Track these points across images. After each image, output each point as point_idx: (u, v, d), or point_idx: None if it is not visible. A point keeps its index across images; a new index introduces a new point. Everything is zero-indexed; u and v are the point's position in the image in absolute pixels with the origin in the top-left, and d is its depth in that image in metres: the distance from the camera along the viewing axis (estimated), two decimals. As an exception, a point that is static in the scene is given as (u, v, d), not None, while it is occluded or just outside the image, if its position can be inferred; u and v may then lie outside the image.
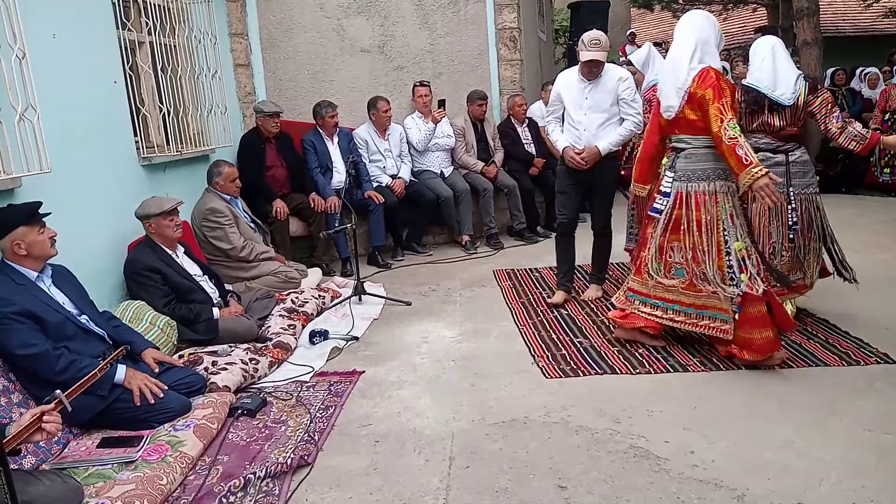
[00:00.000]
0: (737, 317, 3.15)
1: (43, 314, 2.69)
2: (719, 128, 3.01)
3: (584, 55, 3.91)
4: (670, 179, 3.28)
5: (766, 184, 2.91)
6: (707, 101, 3.06)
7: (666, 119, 3.31)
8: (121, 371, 2.80)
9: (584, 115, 4.05)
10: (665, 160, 3.39)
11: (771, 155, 3.58)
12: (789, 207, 3.53)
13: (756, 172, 2.92)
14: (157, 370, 2.99)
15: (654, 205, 3.34)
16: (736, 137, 2.98)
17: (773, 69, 3.54)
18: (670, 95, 3.21)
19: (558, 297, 4.32)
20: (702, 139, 3.20)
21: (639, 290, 3.45)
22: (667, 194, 3.28)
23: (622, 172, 4.58)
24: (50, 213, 2.85)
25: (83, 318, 2.88)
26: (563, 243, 4.35)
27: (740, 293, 3.11)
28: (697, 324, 3.28)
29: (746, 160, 2.95)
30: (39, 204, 2.82)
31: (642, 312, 3.42)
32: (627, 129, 4.08)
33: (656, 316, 3.38)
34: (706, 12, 3.38)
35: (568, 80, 4.13)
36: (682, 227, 3.24)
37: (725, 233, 3.16)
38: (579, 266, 4.65)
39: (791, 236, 3.56)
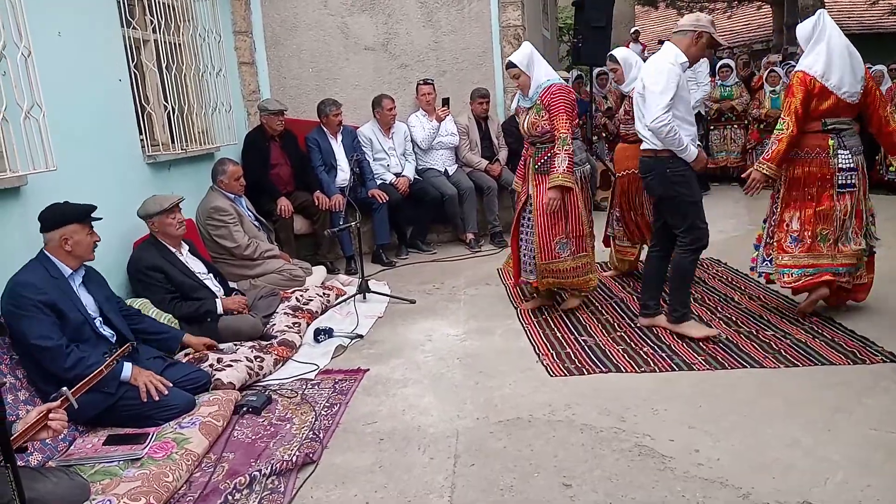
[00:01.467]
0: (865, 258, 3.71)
1: (67, 311, 2.73)
2: (887, 112, 3.59)
3: (719, 39, 3.58)
4: (849, 155, 3.57)
5: None
6: (874, 88, 3.59)
7: (835, 103, 3.51)
8: (127, 368, 2.82)
9: (691, 111, 3.58)
10: (831, 141, 3.57)
11: None
12: None
13: None
14: (207, 351, 3.26)
15: (842, 182, 3.59)
16: None
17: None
18: (854, 83, 3.52)
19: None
20: (853, 121, 3.66)
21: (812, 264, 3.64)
22: (854, 168, 3.58)
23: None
24: (101, 219, 2.92)
25: (97, 321, 2.91)
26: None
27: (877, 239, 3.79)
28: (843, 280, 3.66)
29: None
30: (94, 207, 2.91)
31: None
32: None
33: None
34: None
35: (678, 70, 3.40)
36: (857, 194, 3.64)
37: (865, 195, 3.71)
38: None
39: None
